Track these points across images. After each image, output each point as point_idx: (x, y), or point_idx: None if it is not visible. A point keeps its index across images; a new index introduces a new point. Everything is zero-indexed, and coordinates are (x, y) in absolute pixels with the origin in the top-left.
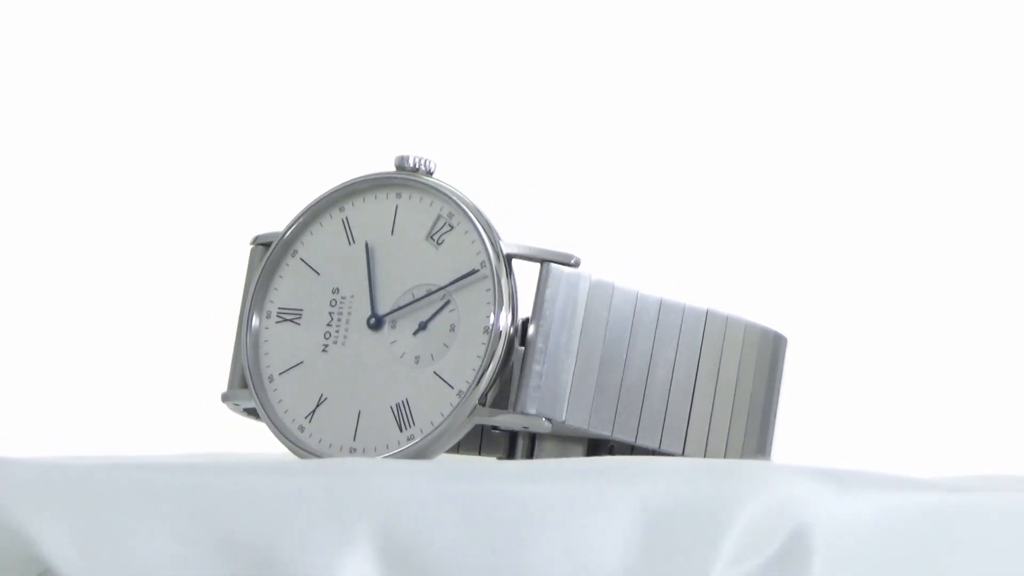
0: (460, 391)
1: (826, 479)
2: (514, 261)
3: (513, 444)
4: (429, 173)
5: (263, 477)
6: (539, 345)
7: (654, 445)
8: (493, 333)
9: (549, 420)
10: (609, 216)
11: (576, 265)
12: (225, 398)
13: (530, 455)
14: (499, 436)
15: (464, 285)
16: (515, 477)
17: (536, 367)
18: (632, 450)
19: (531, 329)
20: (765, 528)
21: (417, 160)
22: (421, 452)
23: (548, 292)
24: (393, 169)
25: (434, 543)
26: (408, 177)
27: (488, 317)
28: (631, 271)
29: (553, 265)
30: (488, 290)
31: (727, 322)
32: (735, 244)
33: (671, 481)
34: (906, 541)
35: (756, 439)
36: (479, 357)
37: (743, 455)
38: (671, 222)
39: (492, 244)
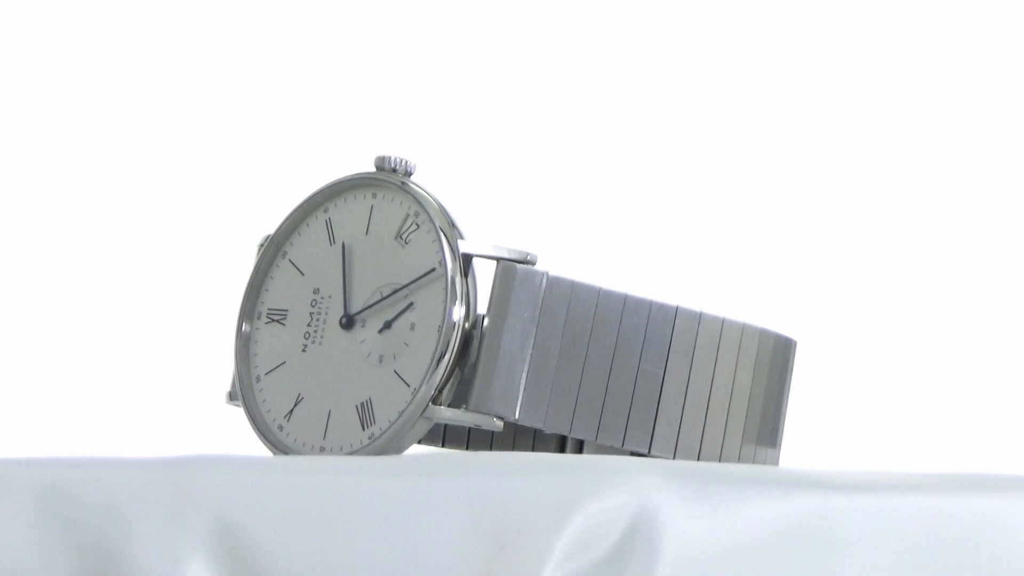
0: (415, 389)
1: (682, 477)
2: (479, 261)
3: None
4: (408, 173)
5: (111, 472)
6: (491, 343)
7: (617, 444)
8: (444, 330)
9: (501, 419)
10: (607, 217)
11: (533, 263)
12: (229, 397)
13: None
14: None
15: (424, 284)
16: (351, 471)
17: (487, 365)
18: (620, 451)
19: (485, 327)
20: (602, 525)
21: (395, 160)
22: (380, 451)
23: (501, 290)
24: (373, 169)
25: (268, 537)
26: (384, 177)
27: (442, 315)
28: (629, 272)
29: (508, 263)
30: (444, 288)
31: (700, 319)
32: (740, 249)
33: (506, 476)
34: (764, 544)
35: (754, 440)
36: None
37: (741, 455)
38: (670, 223)
39: (449, 243)
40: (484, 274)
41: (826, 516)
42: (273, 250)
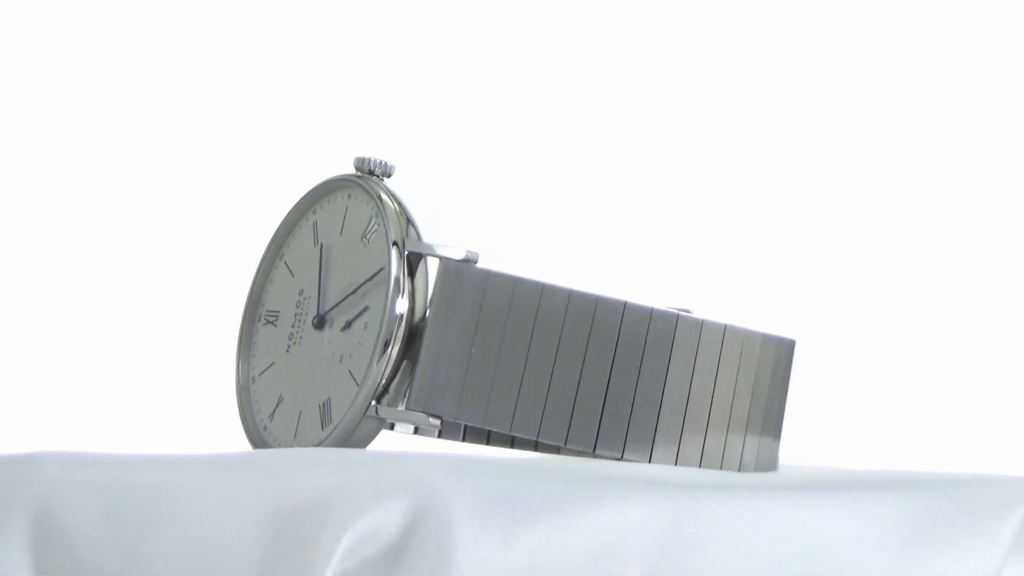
0: (359, 387)
1: (460, 467)
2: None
3: None
4: (386, 174)
5: None
6: (429, 341)
7: (559, 443)
8: (384, 325)
9: (439, 418)
10: (607, 218)
11: (474, 261)
12: None
13: None
14: None
15: (376, 284)
16: (165, 466)
17: (425, 363)
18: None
19: (425, 326)
20: (384, 522)
21: (372, 162)
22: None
23: (441, 288)
24: (353, 171)
25: (81, 531)
26: (358, 179)
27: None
28: (628, 273)
29: (448, 261)
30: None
31: (651, 315)
32: (735, 249)
33: (301, 473)
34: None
35: (722, 439)
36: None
37: (723, 455)
38: (667, 223)
39: (397, 243)
40: None
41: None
42: (273, 251)
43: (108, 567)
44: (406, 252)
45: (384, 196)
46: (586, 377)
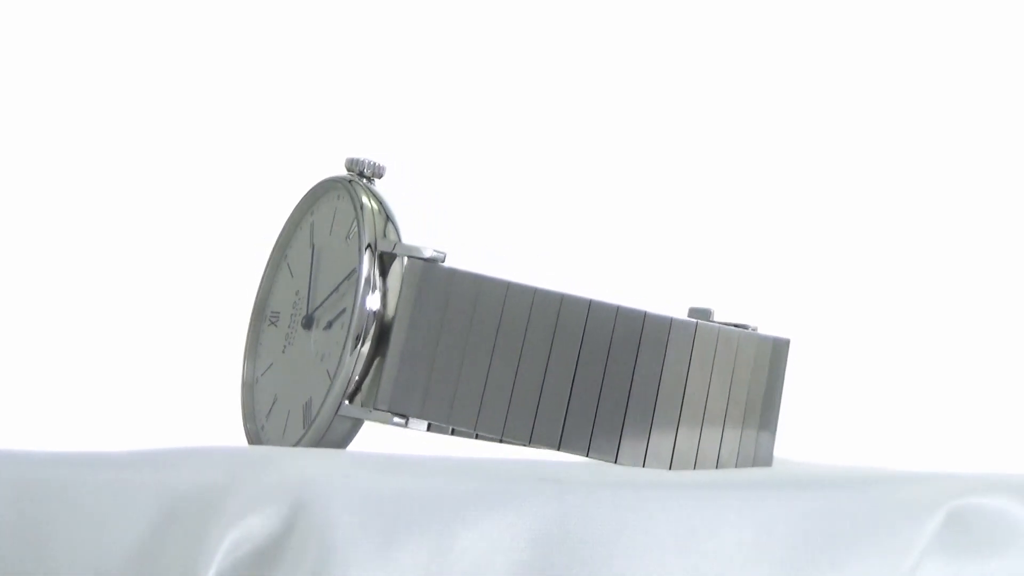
0: (330, 386)
1: (349, 464)
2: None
3: None
4: (377, 175)
5: None
6: (395, 341)
7: (523, 441)
8: (352, 322)
9: (405, 416)
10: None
11: (441, 260)
12: None
13: None
14: None
15: (351, 284)
16: (70, 463)
17: (391, 363)
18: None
19: (392, 325)
20: (263, 521)
21: (362, 163)
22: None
23: (407, 287)
24: (345, 172)
25: None
26: (348, 180)
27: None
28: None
29: (413, 260)
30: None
31: (617, 312)
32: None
33: (192, 471)
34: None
35: (695, 436)
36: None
37: (697, 451)
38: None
39: (370, 243)
40: None
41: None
42: (278, 252)
43: (19, 564)
44: (378, 252)
45: (364, 197)
46: (551, 375)
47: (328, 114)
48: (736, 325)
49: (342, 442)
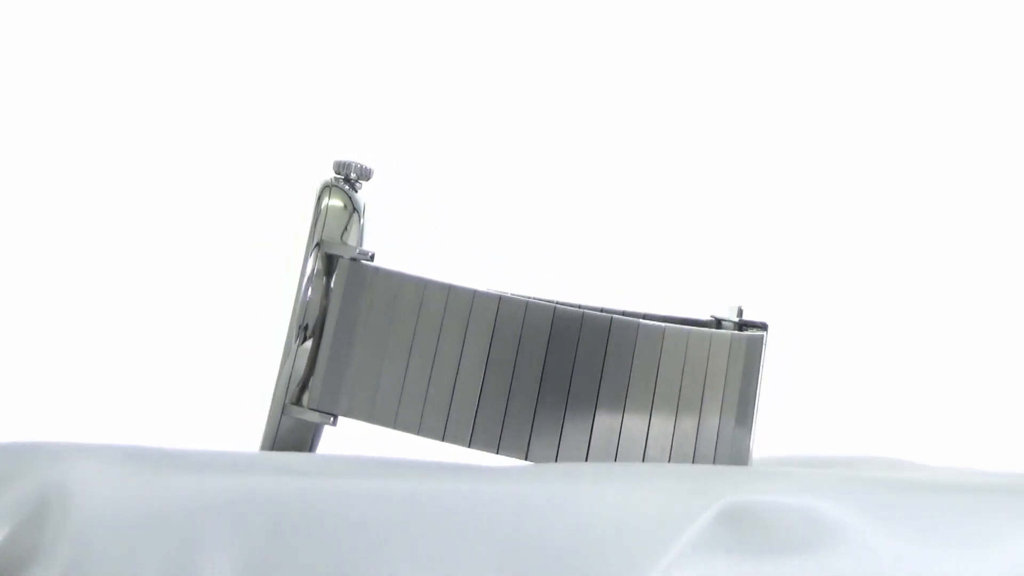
0: (275, 387)
1: (118, 459)
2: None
3: None
4: (363, 177)
5: None
6: (325, 339)
7: (437, 438)
8: (291, 323)
9: (334, 415)
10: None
11: (368, 258)
12: None
13: None
14: None
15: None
16: None
17: (321, 361)
18: None
19: (325, 325)
20: (19, 502)
21: (347, 166)
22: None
23: (335, 287)
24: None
25: None
26: (332, 183)
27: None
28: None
29: (342, 260)
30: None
31: (526, 307)
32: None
33: None
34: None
35: (644, 426)
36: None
37: (645, 445)
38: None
39: (317, 242)
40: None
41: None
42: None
43: None
44: (322, 252)
45: (327, 199)
46: (463, 372)
47: (327, 114)
48: (699, 322)
49: (300, 443)
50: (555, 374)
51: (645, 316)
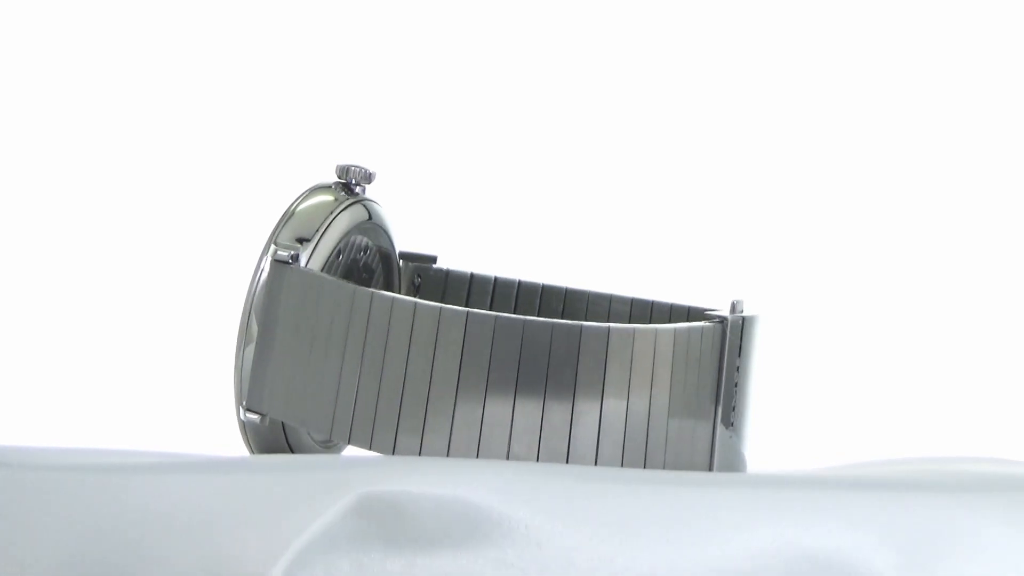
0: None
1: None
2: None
3: None
4: (364, 180)
5: None
6: (256, 342)
7: (343, 440)
8: (240, 325)
9: (264, 415)
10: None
11: (292, 260)
12: None
13: None
14: None
15: None
16: None
17: (255, 364)
18: None
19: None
20: None
21: (349, 170)
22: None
23: (261, 289)
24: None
25: None
26: (331, 185)
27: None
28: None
29: (271, 261)
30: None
31: (440, 313)
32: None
33: None
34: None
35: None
36: None
37: (480, 443)
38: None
39: (278, 247)
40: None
41: None
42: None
43: None
44: (277, 254)
45: (302, 203)
46: (386, 377)
47: (327, 115)
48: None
49: (271, 446)
50: (414, 375)
51: (634, 301)
